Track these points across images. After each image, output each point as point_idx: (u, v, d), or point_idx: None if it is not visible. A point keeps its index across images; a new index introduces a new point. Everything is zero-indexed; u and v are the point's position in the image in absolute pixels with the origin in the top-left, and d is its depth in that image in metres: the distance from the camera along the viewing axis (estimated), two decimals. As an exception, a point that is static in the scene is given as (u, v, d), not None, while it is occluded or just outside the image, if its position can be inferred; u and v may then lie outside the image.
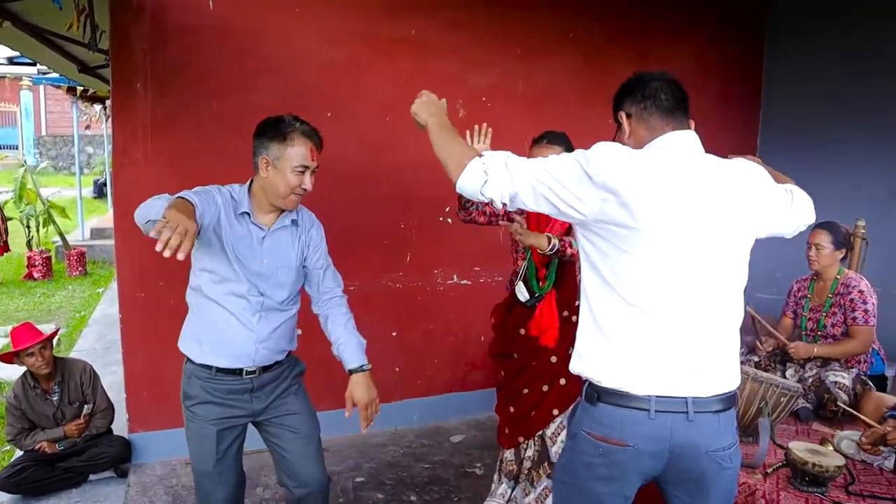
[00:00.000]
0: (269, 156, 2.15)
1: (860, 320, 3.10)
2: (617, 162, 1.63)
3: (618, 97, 1.89)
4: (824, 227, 3.21)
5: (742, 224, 1.73)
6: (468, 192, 1.71)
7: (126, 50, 3.37)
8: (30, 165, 10.43)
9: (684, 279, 1.66)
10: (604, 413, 1.69)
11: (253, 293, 2.21)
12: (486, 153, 1.71)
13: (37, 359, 3.41)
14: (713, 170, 1.72)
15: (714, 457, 1.69)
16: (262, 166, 2.17)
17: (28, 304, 7.57)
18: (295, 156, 2.14)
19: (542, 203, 1.67)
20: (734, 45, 4.88)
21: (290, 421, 2.39)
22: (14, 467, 3.37)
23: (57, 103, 20.85)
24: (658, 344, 1.66)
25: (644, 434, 1.66)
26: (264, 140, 2.17)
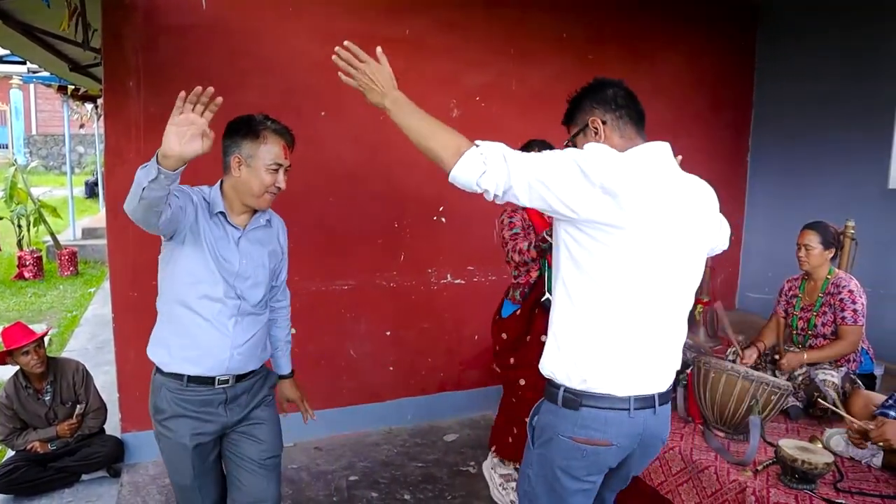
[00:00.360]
0: (242, 154, 2.10)
1: (849, 320, 3.13)
2: (612, 163, 1.66)
3: (585, 103, 1.89)
4: (813, 228, 3.24)
5: (702, 233, 1.84)
6: (461, 182, 1.66)
7: (118, 49, 3.36)
8: (20, 165, 10.37)
9: (660, 279, 1.74)
10: (588, 417, 1.75)
11: (230, 295, 2.14)
12: (483, 144, 1.67)
13: (32, 357, 3.40)
14: (683, 181, 1.82)
15: (663, 439, 1.90)
16: (234, 165, 2.12)
17: (19, 304, 7.53)
18: (268, 154, 2.10)
19: (535, 200, 1.65)
20: (726, 47, 4.91)
21: (256, 431, 2.27)
22: (6, 467, 3.35)
23: (47, 102, 20.73)
24: (637, 343, 1.75)
25: (625, 432, 1.76)
26: (236, 138, 2.12)
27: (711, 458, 2.64)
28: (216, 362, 2.14)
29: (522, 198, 1.66)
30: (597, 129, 1.83)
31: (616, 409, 1.74)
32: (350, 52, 1.86)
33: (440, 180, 1.75)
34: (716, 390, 2.75)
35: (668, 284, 1.76)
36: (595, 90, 1.89)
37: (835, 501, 2.27)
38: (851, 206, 3.96)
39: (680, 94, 4.77)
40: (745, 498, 2.40)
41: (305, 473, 3.60)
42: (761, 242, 5.00)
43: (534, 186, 1.64)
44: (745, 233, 5.14)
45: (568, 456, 1.78)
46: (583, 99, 1.90)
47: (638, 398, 1.75)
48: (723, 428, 2.82)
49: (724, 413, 2.76)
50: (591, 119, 1.85)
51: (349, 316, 4.06)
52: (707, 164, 5.29)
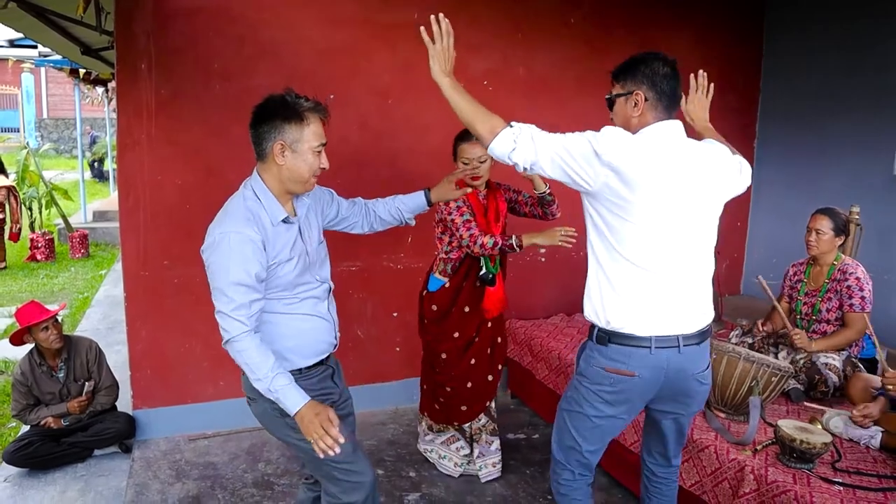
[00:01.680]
0: (286, 139, 1.97)
1: (857, 307, 3.13)
2: (621, 145, 1.94)
3: (639, 73, 2.10)
4: (825, 213, 3.23)
5: (714, 194, 2.10)
6: (496, 155, 2.02)
7: (130, 32, 3.40)
8: (32, 148, 10.45)
9: (672, 241, 2.02)
10: (615, 351, 2.08)
11: (316, 285, 2.17)
12: (515, 124, 1.99)
13: (51, 333, 3.47)
14: (693, 152, 2.06)
15: (696, 377, 2.14)
16: (276, 152, 1.98)
17: (31, 285, 7.63)
18: (313, 136, 2.00)
19: (557, 172, 1.99)
20: (734, 34, 4.89)
21: (346, 407, 2.37)
22: (21, 442, 3.44)
23: (58, 86, 20.85)
24: (655, 294, 2.04)
25: (646, 364, 2.06)
26: (276, 122, 1.97)
27: (712, 437, 2.69)
28: (327, 346, 2.22)
29: (547, 170, 2.00)
30: (636, 102, 2.08)
31: (637, 346, 2.05)
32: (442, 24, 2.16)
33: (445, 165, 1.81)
34: (717, 371, 2.79)
35: (679, 244, 2.03)
36: (651, 65, 2.10)
37: (832, 480, 2.31)
38: (856, 193, 3.96)
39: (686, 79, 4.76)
40: (744, 476, 2.44)
41: (313, 451, 3.67)
42: (767, 229, 5.00)
43: (556, 161, 1.97)
44: (751, 219, 5.14)
45: (600, 381, 2.12)
46: (639, 66, 2.11)
47: (659, 338, 2.04)
48: (723, 409, 2.86)
49: (725, 394, 2.80)
50: (637, 92, 2.08)
51: (356, 297, 4.11)
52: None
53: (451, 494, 3.28)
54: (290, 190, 2.07)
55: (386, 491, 3.28)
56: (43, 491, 3.30)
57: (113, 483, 3.37)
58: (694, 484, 2.69)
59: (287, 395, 1.92)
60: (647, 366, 2.06)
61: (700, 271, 2.12)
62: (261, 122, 2.00)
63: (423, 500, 3.24)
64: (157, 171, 3.55)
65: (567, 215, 3.13)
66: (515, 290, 4.45)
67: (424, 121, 3.94)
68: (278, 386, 1.91)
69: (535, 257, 4.54)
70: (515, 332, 4.23)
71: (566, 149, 1.96)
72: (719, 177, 2.10)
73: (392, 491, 3.30)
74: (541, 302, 4.55)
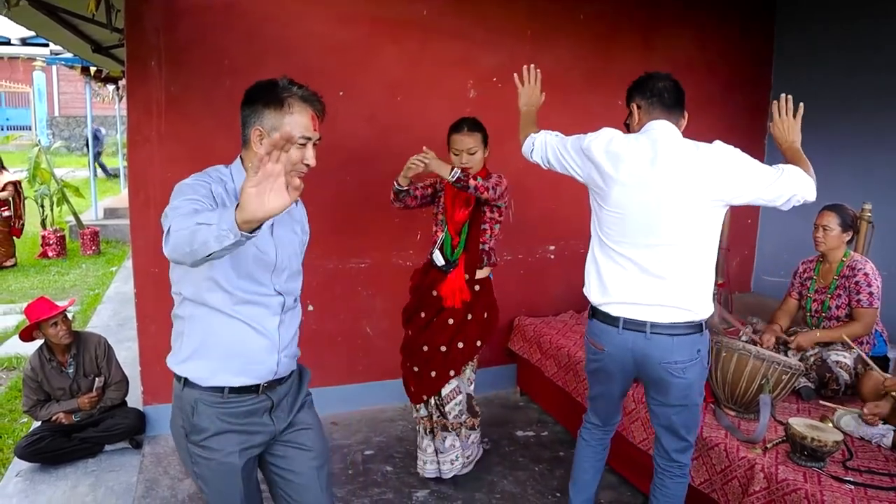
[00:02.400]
0: (264, 126, 1.79)
1: (864, 302, 3.12)
2: (602, 141, 2.35)
3: (630, 92, 2.44)
4: (832, 209, 3.23)
5: (694, 193, 2.20)
6: (526, 155, 2.66)
7: (140, 29, 3.41)
8: (43, 146, 10.51)
9: (639, 232, 2.27)
10: (595, 326, 2.43)
11: (272, 294, 1.89)
12: (541, 132, 2.61)
13: (60, 328, 3.49)
14: (675, 150, 2.25)
15: (665, 367, 2.28)
16: (254, 139, 1.82)
17: (43, 282, 7.68)
18: (295, 126, 1.78)
19: (560, 166, 2.53)
20: (745, 30, 4.86)
21: (303, 438, 2.02)
22: (32, 437, 3.46)
23: (70, 84, 20.94)
24: (628, 279, 2.31)
25: (614, 343, 2.36)
26: (257, 107, 1.80)
27: (722, 435, 2.67)
28: (264, 370, 1.89)
29: (554, 164, 2.56)
30: (634, 113, 2.42)
31: (609, 324, 2.36)
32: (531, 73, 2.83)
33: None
34: (727, 369, 2.78)
35: (645, 238, 2.26)
36: (639, 82, 2.43)
37: (844, 479, 2.29)
38: (868, 190, 3.93)
39: (696, 75, 4.73)
40: (754, 475, 2.43)
41: (321, 447, 3.68)
42: (777, 225, 4.97)
43: (556, 156, 2.53)
44: (762, 216, 5.11)
45: (587, 350, 2.53)
46: (631, 89, 2.46)
47: (627, 321, 2.31)
48: (734, 407, 2.85)
49: (735, 392, 2.79)
50: (632, 104, 2.43)
51: (365, 294, 4.11)
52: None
53: (459, 491, 3.28)
54: None
55: (395, 488, 3.29)
56: (54, 486, 3.32)
57: (123, 478, 3.39)
58: (703, 482, 2.67)
59: (221, 216, 1.46)
60: (615, 344, 2.35)
61: (676, 268, 2.24)
62: (245, 105, 1.84)
63: (432, 497, 3.24)
64: (166, 168, 3.57)
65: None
66: (524, 287, 4.45)
67: (432, 116, 3.93)
68: (211, 218, 1.47)
69: (544, 255, 4.53)
70: (524, 329, 4.22)
71: (565, 146, 2.48)
72: (697, 178, 2.20)
73: (401, 488, 3.30)
74: (549, 299, 4.54)
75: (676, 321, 2.24)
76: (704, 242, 2.25)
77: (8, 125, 20.54)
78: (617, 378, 2.46)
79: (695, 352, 2.28)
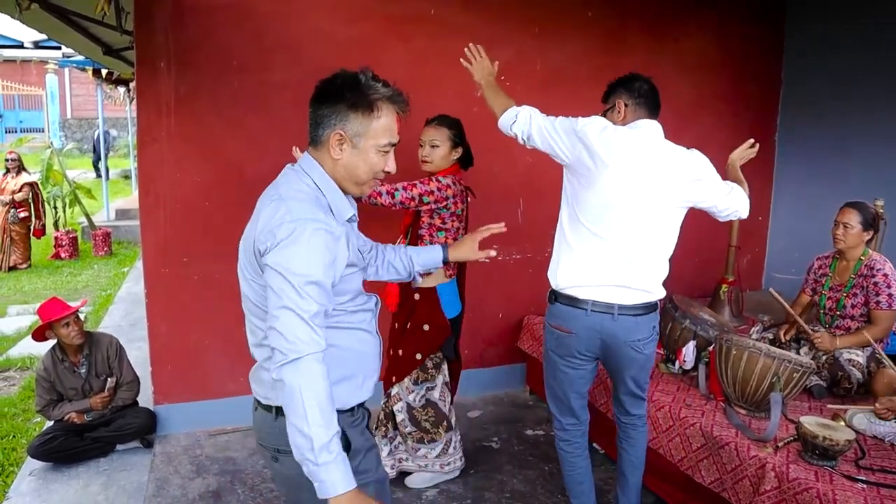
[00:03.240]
0: (348, 130, 1.59)
1: (884, 304, 3.05)
2: (596, 126, 2.41)
3: (616, 88, 2.55)
4: (854, 207, 3.16)
5: (671, 190, 2.42)
6: (501, 126, 2.55)
7: (149, 29, 3.43)
8: (56, 147, 10.61)
9: (624, 216, 2.38)
10: (559, 310, 2.52)
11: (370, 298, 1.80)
12: (524, 106, 2.51)
13: (72, 329, 3.52)
14: (662, 150, 2.43)
15: (630, 344, 2.47)
16: (333, 143, 1.60)
17: (55, 282, 7.75)
18: (382, 131, 1.62)
19: (544, 144, 2.47)
20: (754, 25, 4.82)
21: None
22: (45, 436, 3.49)
23: (82, 86, 21.10)
24: (600, 263, 2.42)
25: (582, 325, 2.46)
26: (341, 108, 1.59)
27: (732, 434, 2.65)
28: (375, 375, 1.80)
29: (537, 141, 2.48)
30: (619, 109, 2.50)
31: (577, 307, 2.45)
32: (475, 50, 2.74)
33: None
34: (737, 367, 2.76)
35: (624, 224, 2.39)
36: (626, 81, 2.53)
37: (856, 478, 2.27)
38: (880, 186, 3.88)
39: (706, 72, 4.70)
40: (765, 474, 2.41)
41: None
42: (788, 223, 4.93)
43: (542, 134, 2.46)
44: (773, 213, 5.07)
45: (549, 338, 2.60)
46: (617, 85, 2.55)
47: (596, 303, 2.42)
48: (744, 405, 2.83)
49: (746, 390, 2.77)
50: (618, 101, 2.51)
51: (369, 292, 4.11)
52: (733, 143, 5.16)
53: (468, 490, 3.28)
54: (343, 189, 1.69)
55: (403, 486, 3.29)
56: (67, 485, 3.34)
57: (134, 477, 3.41)
58: (714, 481, 2.66)
59: (332, 470, 1.41)
60: (583, 326, 2.45)
61: (648, 255, 2.44)
62: (322, 102, 1.62)
63: (441, 496, 3.23)
64: (176, 169, 3.59)
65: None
66: (533, 285, 4.43)
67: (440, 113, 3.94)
68: (332, 452, 1.41)
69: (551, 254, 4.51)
70: (534, 328, 4.21)
71: (553, 125, 2.45)
72: (676, 178, 2.42)
73: (409, 486, 3.30)
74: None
75: (638, 302, 2.45)
76: (671, 235, 2.50)
77: (21, 127, 20.71)
78: (583, 359, 2.56)
79: (651, 329, 2.53)
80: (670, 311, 3.34)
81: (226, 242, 3.78)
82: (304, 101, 1.77)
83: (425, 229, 3.01)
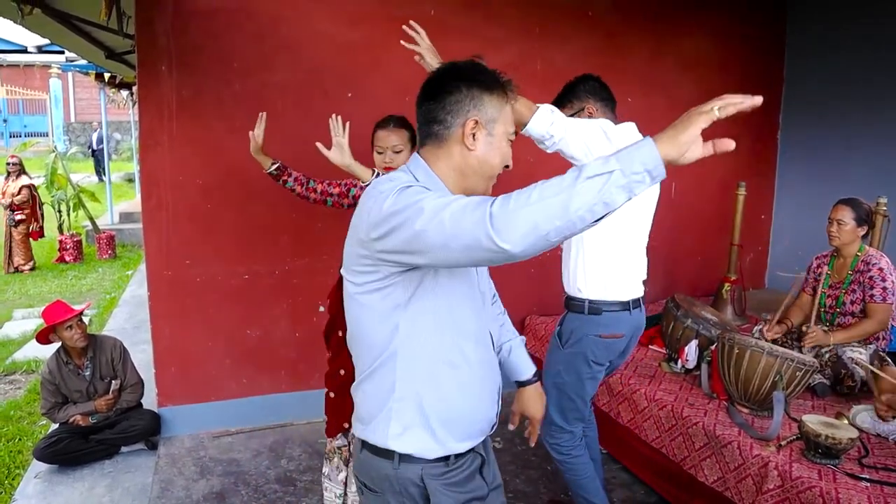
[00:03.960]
0: (483, 116, 1.42)
1: (878, 297, 3.07)
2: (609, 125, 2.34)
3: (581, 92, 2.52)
4: (847, 203, 3.17)
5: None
6: (537, 131, 2.23)
7: (150, 33, 3.44)
8: (60, 151, 10.64)
9: (634, 213, 2.43)
10: (607, 319, 2.47)
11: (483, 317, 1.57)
12: (543, 106, 2.27)
13: (75, 332, 3.53)
14: None
15: (638, 335, 2.60)
16: (467, 132, 1.42)
17: (60, 286, 7.78)
18: (510, 118, 1.48)
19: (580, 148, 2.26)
20: (756, 24, 4.82)
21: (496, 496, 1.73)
22: (50, 439, 3.50)
23: (85, 90, 21.19)
24: (626, 263, 2.47)
25: (629, 325, 2.51)
26: (475, 91, 1.42)
27: (735, 433, 2.65)
28: (488, 419, 1.57)
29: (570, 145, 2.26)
30: (591, 114, 2.50)
31: (624, 310, 2.47)
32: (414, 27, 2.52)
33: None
34: (740, 366, 2.75)
35: (636, 218, 2.47)
36: (586, 82, 2.52)
37: (859, 477, 2.26)
38: (883, 184, 3.88)
39: (707, 70, 4.70)
40: (768, 472, 2.40)
41: (335, 448, 3.69)
42: (791, 221, 4.93)
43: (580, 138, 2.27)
44: (775, 211, 5.07)
45: (596, 348, 2.50)
46: (577, 87, 2.53)
47: (633, 300, 2.50)
48: (747, 404, 2.82)
49: (749, 389, 2.76)
50: (587, 106, 2.51)
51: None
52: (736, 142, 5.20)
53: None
54: (467, 188, 1.47)
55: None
56: (72, 487, 3.35)
57: (139, 479, 3.42)
58: (717, 480, 2.65)
59: (631, 154, 1.14)
60: (630, 325, 2.51)
61: (645, 245, 2.58)
62: (448, 89, 1.43)
63: (444, 497, 3.23)
64: (178, 171, 3.60)
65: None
66: (535, 285, 4.44)
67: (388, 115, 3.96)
68: (609, 159, 1.14)
69: (554, 252, 4.50)
70: (536, 328, 4.21)
71: (587, 131, 2.31)
72: None
73: None
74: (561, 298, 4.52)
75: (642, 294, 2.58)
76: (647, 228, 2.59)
77: (25, 132, 20.79)
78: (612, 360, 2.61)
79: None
80: (672, 310, 3.34)
81: (228, 244, 3.82)
82: (306, 102, 1.77)
83: None
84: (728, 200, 4.45)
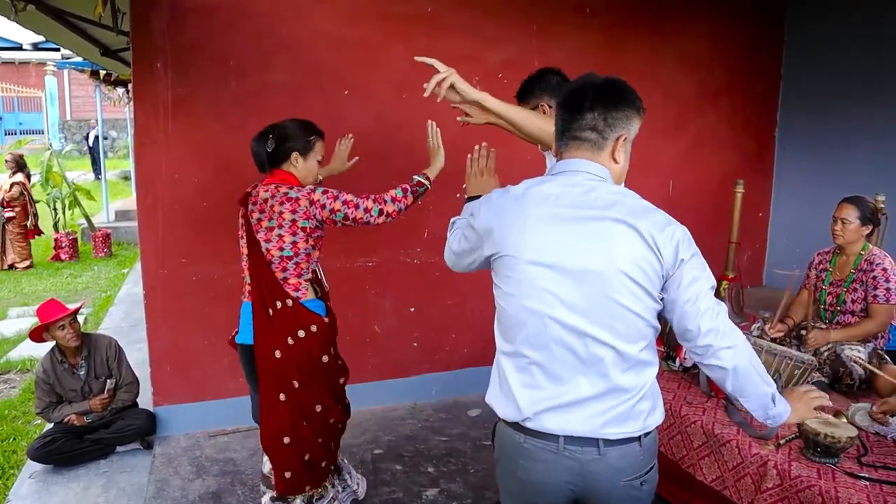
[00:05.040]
0: (630, 133, 1.61)
1: (881, 298, 3.05)
2: None
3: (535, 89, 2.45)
4: (851, 202, 3.14)
5: None
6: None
7: (146, 30, 3.42)
8: (55, 149, 10.60)
9: None
10: None
11: None
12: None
13: (67, 331, 3.51)
14: None
15: None
16: (619, 146, 1.60)
17: (56, 284, 7.75)
18: None
19: None
20: (755, 21, 4.81)
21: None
22: (45, 438, 3.48)
23: (81, 88, 21.10)
24: None
25: None
26: (631, 112, 1.59)
27: (733, 432, 2.63)
28: None
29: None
30: (545, 111, 2.42)
31: None
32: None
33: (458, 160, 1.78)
34: (738, 365, 2.74)
35: None
36: (544, 77, 2.45)
37: (858, 475, 2.26)
38: (881, 182, 3.87)
39: (706, 67, 4.69)
40: (767, 471, 2.39)
41: (332, 447, 3.68)
42: (789, 218, 4.93)
43: None
44: (773, 209, 5.06)
45: None
46: (534, 84, 2.47)
47: None
48: (745, 403, 2.81)
49: (747, 388, 2.75)
50: (540, 104, 2.44)
51: (374, 292, 4.10)
52: (734, 140, 5.22)
53: (469, 490, 3.27)
54: None
55: (404, 487, 3.28)
56: (67, 487, 3.33)
57: (135, 479, 3.40)
58: (715, 479, 2.64)
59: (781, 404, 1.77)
60: None
61: None
62: (616, 108, 1.57)
63: (441, 496, 3.23)
64: (174, 170, 3.58)
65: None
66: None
67: (439, 114, 3.93)
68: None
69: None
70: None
71: None
72: None
73: (410, 486, 3.29)
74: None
75: None
76: None
77: (21, 129, 20.71)
78: None
79: None
80: (671, 308, 3.33)
81: (224, 243, 3.79)
82: (303, 100, 1.75)
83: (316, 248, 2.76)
84: (726, 198, 4.44)
